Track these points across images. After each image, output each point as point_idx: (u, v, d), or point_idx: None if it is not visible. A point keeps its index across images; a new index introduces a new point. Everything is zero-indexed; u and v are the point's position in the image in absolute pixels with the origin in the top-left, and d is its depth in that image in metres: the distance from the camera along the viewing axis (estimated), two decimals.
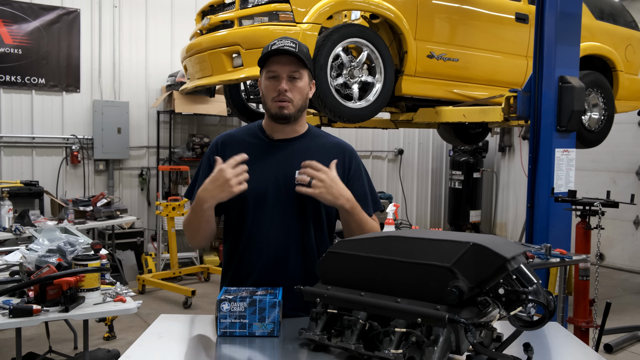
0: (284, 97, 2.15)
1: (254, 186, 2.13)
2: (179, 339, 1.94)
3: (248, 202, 2.17)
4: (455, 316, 1.44)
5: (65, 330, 5.21)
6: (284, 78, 2.14)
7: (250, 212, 2.18)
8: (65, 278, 3.04)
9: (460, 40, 5.57)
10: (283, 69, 2.14)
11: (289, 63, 2.14)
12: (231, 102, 5.97)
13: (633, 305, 6.90)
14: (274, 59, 2.15)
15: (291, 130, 2.26)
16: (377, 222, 2.36)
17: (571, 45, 4.89)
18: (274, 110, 2.18)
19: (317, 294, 1.75)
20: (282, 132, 2.25)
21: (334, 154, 2.25)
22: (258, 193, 2.16)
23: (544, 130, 4.79)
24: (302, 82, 2.18)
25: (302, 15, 4.62)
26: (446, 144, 10.53)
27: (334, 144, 2.32)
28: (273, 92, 2.16)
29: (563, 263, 3.95)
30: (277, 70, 2.15)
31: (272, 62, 2.16)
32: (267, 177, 2.18)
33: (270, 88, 2.17)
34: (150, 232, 8.13)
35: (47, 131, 7.41)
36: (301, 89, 2.18)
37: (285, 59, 2.14)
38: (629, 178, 8.72)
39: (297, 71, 2.15)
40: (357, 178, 2.29)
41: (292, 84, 2.16)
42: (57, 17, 7.35)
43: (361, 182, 2.30)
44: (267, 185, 2.18)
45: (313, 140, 2.29)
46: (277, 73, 2.15)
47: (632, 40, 6.78)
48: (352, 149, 2.35)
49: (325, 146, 2.29)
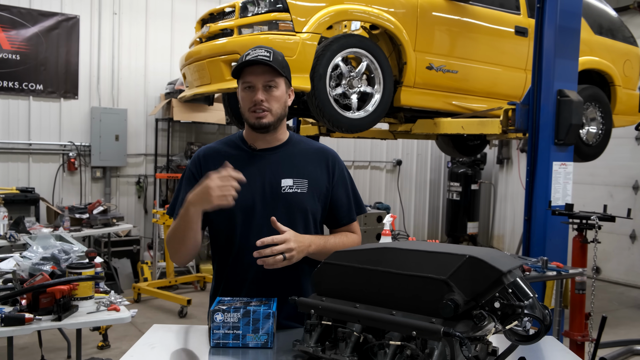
0: (260, 107, 2.14)
1: (241, 198, 2.10)
2: (172, 350, 1.92)
3: (235, 214, 2.16)
4: (450, 329, 1.43)
5: (58, 339, 5.17)
6: (260, 88, 2.14)
7: (239, 225, 2.17)
8: (58, 286, 3.02)
9: (460, 53, 5.57)
10: (258, 79, 2.13)
11: (263, 73, 2.13)
12: (229, 111, 5.95)
13: (628, 319, 6.88)
14: (248, 70, 2.15)
15: (273, 139, 2.26)
16: (358, 227, 2.39)
17: (570, 59, 4.90)
18: (252, 120, 2.17)
19: (312, 305, 1.74)
20: (263, 142, 2.25)
21: (317, 160, 2.28)
22: (245, 205, 2.15)
23: (541, 143, 4.79)
24: (279, 90, 2.17)
25: (302, 25, 4.62)
26: (444, 156, 10.54)
27: (317, 150, 2.33)
28: (249, 102, 2.16)
29: (559, 276, 3.94)
30: (252, 80, 2.14)
31: (246, 73, 2.15)
32: (253, 188, 2.17)
33: (247, 99, 2.17)
34: (146, 240, 8.10)
35: (44, 137, 7.40)
36: (278, 98, 2.17)
37: (259, 69, 2.13)
38: (626, 192, 8.73)
39: (272, 80, 2.15)
40: (341, 184, 2.31)
41: (268, 93, 2.15)
42: (56, 24, 7.36)
43: (345, 188, 2.33)
44: (254, 196, 2.17)
45: (295, 147, 2.29)
46: (253, 84, 2.14)
47: (630, 56, 6.80)
48: (335, 153, 2.36)
49: (309, 152, 2.30)
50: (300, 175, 2.22)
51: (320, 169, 2.27)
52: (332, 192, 2.28)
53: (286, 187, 2.19)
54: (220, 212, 2.07)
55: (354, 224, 2.37)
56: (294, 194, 2.19)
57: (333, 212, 2.31)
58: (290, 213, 2.17)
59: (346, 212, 2.33)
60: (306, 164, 2.25)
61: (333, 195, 2.29)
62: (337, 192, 2.29)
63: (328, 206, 2.29)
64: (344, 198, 2.31)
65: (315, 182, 2.24)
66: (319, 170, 2.27)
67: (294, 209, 2.18)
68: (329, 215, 2.32)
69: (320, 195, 2.25)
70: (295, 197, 2.19)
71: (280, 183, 2.19)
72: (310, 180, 2.23)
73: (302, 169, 2.23)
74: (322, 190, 2.25)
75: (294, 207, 2.18)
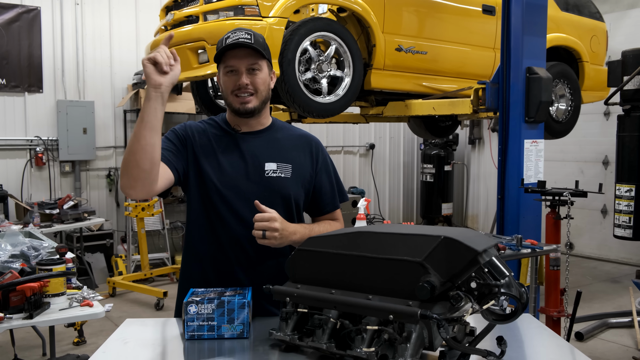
0: (245, 90, 2.09)
1: (224, 179, 2.08)
2: (145, 344, 1.87)
3: (218, 194, 2.11)
4: (427, 312, 1.42)
5: (33, 336, 5.08)
6: (243, 72, 2.08)
7: (221, 207, 2.11)
8: (28, 284, 2.96)
9: (428, 33, 5.56)
10: (241, 62, 2.08)
11: (246, 56, 2.08)
12: (199, 100, 5.88)
13: (602, 292, 7.01)
14: (230, 54, 2.09)
15: (256, 123, 2.21)
16: (341, 215, 2.35)
17: (538, 36, 4.91)
18: (236, 105, 2.12)
19: (287, 293, 1.71)
20: (247, 126, 2.20)
21: (301, 146, 2.25)
22: (228, 185, 2.11)
23: (512, 121, 4.80)
24: (263, 73, 2.12)
25: (268, 9, 4.56)
26: (417, 138, 10.57)
27: (300, 136, 2.29)
28: (233, 86, 2.10)
29: (534, 254, 3.97)
30: (235, 64, 2.08)
31: (229, 57, 2.09)
32: (237, 170, 2.13)
33: (230, 83, 2.11)
34: (119, 233, 7.99)
35: (9, 133, 7.22)
36: (263, 80, 2.13)
37: (242, 52, 2.07)
38: (596, 167, 8.85)
39: (255, 63, 2.10)
40: (324, 171, 2.28)
41: (252, 76, 2.10)
42: (16, 16, 7.15)
43: (328, 175, 2.30)
44: (237, 178, 2.12)
45: (279, 132, 2.26)
46: (236, 67, 2.08)
47: (597, 31, 6.86)
48: (318, 140, 2.33)
49: (293, 137, 2.26)
50: (284, 160, 2.18)
51: (304, 155, 2.23)
52: (316, 180, 2.25)
53: (270, 171, 2.14)
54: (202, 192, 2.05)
55: (337, 212, 2.34)
56: (278, 178, 2.15)
57: (316, 199, 2.27)
58: (273, 198, 2.12)
59: (330, 199, 2.29)
60: (290, 149, 2.21)
61: (316, 182, 2.25)
62: (320, 180, 2.26)
63: (311, 194, 2.25)
64: (328, 185, 2.28)
65: (299, 168, 2.20)
66: (302, 156, 2.23)
67: (277, 193, 2.14)
68: (312, 203, 2.28)
69: (304, 182, 2.21)
70: (279, 181, 2.15)
71: (264, 167, 2.14)
72: (295, 165, 2.19)
73: (286, 154, 2.19)
74: (305, 176, 2.22)
75: (277, 191, 2.14)
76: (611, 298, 6.71)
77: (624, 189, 5.86)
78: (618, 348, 5.17)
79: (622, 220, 5.87)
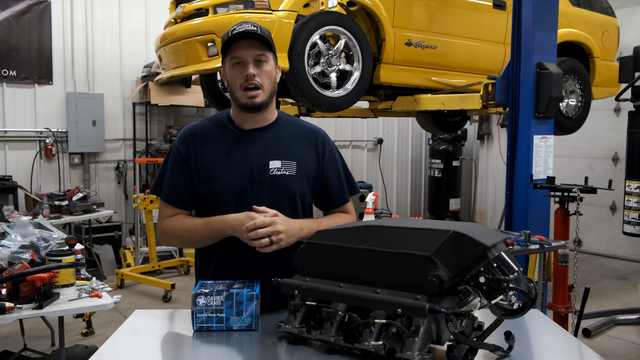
0: (252, 82, 2.06)
1: (229, 181, 2.07)
2: (154, 335, 1.88)
3: (223, 197, 2.10)
4: (435, 306, 1.42)
5: (42, 327, 5.12)
6: (250, 62, 2.05)
7: (226, 208, 2.09)
8: (38, 274, 2.98)
9: (438, 28, 5.54)
10: (248, 53, 2.05)
11: (253, 47, 2.05)
12: (208, 93, 5.88)
13: (610, 289, 6.98)
14: (236, 45, 2.05)
15: (262, 119, 2.18)
16: (352, 207, 2.33)
17: (549, 31, 4.88)
18: (244, 100, 2.08)
19: (295, 286, 1.71)
20: (252, 122, 2.17)
21: (306, 141, 2.21)
22: (233, 187, 2.09)
23: (522, 117, 4.78)
24: (269, 65, 2.09)
25: (278, 3, 4.55)
26: (425, 133, 10.55)
27: (307, 130, 2.25)
28: (240, 78, 2.06)
29: (542, 249, 3.95)
30: (241, 55, 2.05)
31: (235, 48, 2.05)
32: (242, 170, 2.10)
33: (237, 75, 2.07)
34: (128, 225, 8.03)
35: (19, 124, 7.25)
36: (269, 73, 2.10)
37: (248, 42, 2.04)
38: (606, 164, 8.80)
39: (262, 54, 2.07)
40: (331, 165, 2.24)
41: (259, 68, 2.07)
42: (27, 8, 7.17)
43: (336, 168, 2.26)
44: (243, 179, 2.10)
45: (284, 127, 2.22)
46: (242, 58, 2.05)
47: (608, 27, 6.81)
48: (325, 133, 2.29)
49: (298, 133, 2.22)
50: (288, 157, 2.14)
51: (310, 151, 2.20)
52: (323, 174, 2.21)
53: (274, 170, 2.11)
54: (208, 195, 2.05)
55: (347, 205, 2.30)
56: (282, 176, 2.12)
57: (325, 194, 2.24)
58: (277, 196, 2.11)
59: (338, 193, 2.26)
60: (295, 145, 2.17)
61: (323, 177, 2.22)
62: (327, 174, 2.22)
63: (319, 188, 2.23)
64: (335, 179, 2.24)
65: (304, 164, 2.16)
66: (308, 151, 2.19)
67: (282, 192, 2.12)
68: (320, 197, 2.26)
69: (310, 178, 2.18)
70: (284, 179, 2.12)
71: (268, 165, 2.11)
72: (299, 162, 2.15)
73: (290, 151, 2.16)
74: (311, 172, 2.18)
75: (281, 190, 2.11)
76: (619, 295, 6.68)
77: (633, 186, 5.83)
78: (625, 345, 5.15)
79: (631, 217, 5.83)
